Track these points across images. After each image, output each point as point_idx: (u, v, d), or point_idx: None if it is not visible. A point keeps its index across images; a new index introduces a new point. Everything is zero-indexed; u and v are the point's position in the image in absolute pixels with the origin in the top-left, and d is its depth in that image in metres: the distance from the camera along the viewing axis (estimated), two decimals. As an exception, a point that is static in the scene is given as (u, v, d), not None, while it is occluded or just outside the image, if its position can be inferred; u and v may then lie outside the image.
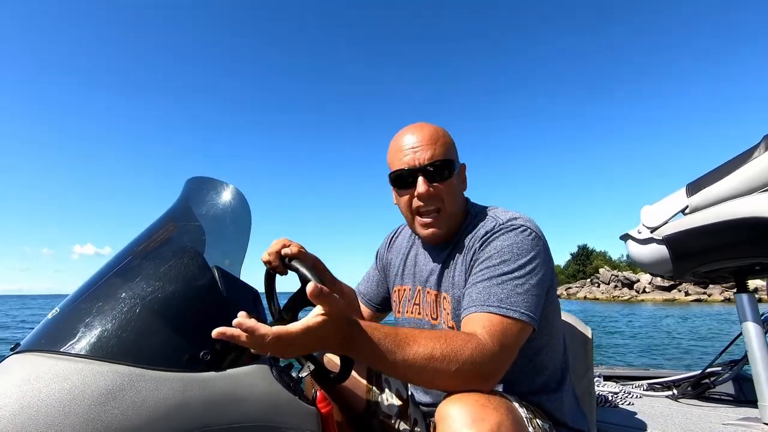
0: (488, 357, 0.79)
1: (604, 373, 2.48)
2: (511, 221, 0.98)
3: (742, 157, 1.50)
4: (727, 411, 1.68)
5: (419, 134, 1.04)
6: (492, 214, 1.04)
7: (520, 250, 0.92)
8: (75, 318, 0.73)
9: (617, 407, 1.82)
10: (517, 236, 0.94)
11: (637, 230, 1.82)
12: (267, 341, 0.69)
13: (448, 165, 1.03)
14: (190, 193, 1.08)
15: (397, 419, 1.21)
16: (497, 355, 0.80)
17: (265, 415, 0.77)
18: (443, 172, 1.02)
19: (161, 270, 0.81)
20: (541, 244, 0.96)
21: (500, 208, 1.08)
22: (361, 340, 0.76)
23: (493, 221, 1.00)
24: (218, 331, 0.69)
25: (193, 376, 0.72)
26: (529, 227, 0.96)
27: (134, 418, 0.64)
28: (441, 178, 1.02)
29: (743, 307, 1.57)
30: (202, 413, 0.70)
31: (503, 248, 0.93)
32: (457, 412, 0.72)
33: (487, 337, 0.81)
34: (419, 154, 1.02)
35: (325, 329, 0.73)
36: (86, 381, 0.64)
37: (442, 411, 0.75)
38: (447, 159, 1.03)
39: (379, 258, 1.37)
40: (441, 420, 0.74)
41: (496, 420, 0.71)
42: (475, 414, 0.71)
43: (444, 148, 1.04)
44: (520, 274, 0.89)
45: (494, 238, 0.95)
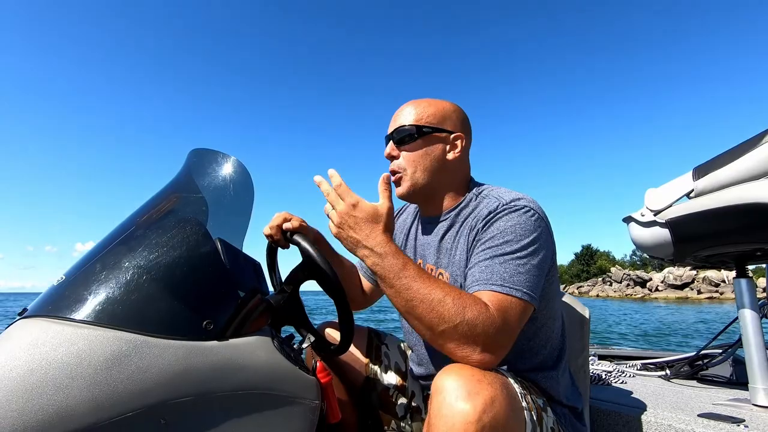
0: (492, 327, 0.79)
1: (599, 353, 2.52)
2: (514, 201, 0.98)
3: (751, 142, 1.48)
4: (719, 392, 1.71)
5: (403, 106, 1.13)
6: (495, 194, 1.04)
7: (523, 231, 0.92)
8: (81, 285, 0.74)
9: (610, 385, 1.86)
10: (520, 217, 0.94)
11: (641, 213, 1.81)
12: (348, 198, 0.89)
13: (411, 131, 1.08)
14: (193, 164, 1.07)
15: (395, 392, 1.24)
16: (501, 330, 0.80)
17: (266, 383, 0.79)
18: (404, 137, 1.08)
19: (164, 240, 0.82)
20: (543, 225, 0.96)
21: (503, 188, 1.07)
22: (397, 251, 0.87)
23: (496, 201, 1.00)
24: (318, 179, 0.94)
25: (197, 345, 0.73)
26: (532, 208, 0.97)
27: (139, 382, 0.66)
28: (402, 142, 1.09)
29: (741, 292, 1.58)
30: (205, 380, 0.72)
31: (506, 228, 0.93)
32: (451, 384, 0.73)
33: (497, 315, 0.81)
34: (392, 123, 1.12)
35: (386, 216, 0.90)
36: (92, 346, 0.66)
37: (437, 383, 0.76)
38: (413, 125, 1.08)
39: None
40: (436, 392, 0.75)
41: (490, 394, 0.72)
42: (470, 387, 0.72)
43: (416, 116, 1.09)
44: (523, 255, 0.90)
45: (497, 218, 0.96)
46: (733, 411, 1.40)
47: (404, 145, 1.09)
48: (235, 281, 0.88)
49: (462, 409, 0.70)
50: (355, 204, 0.89)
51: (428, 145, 1.09)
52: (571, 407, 1.05)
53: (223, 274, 0.85)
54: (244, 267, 0.97)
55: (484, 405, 0.70)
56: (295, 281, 1.03)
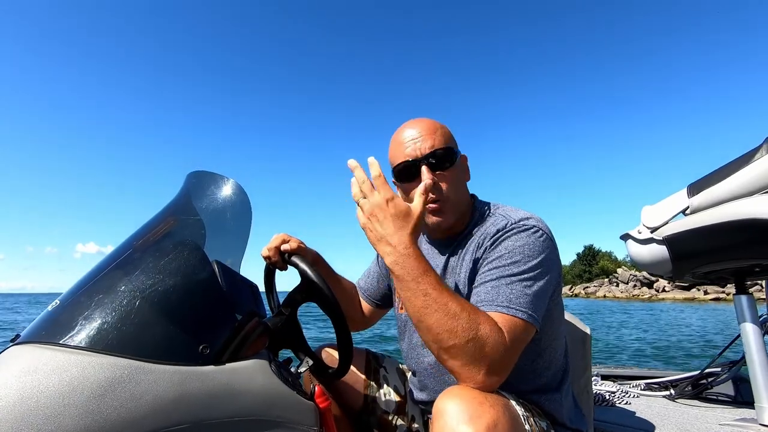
0: (501, 348, 0.78)
1: (602, 373, 2.48)
2: (523, 221, 0.97)
3: (744, 158, 1.50)
4: (724, 412, 1.68)
5: (418, 127, 1.06)
6: (503, 212, 1.03)
7: (531, 252, 0.91)
8: (75, 310, 0.73)
9: (614, 406, 1.82)
10: (528, 237, 0.94)
11: (638, 230, 1.82)
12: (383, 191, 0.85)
13: (449, 153, 1.03)
14: (191, 187, 1.08)
15: (394, 415, 1.21)
16: (507, 352, 0.79)
17: (264, 409, 0.78)
18: (445, 161, 1.03)
19: (161, 263, 0.81)
20: (551, 246, 0.96)
21: (509, 207, 1.07)
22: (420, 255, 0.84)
23: (504, 219, 0.99)
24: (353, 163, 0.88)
25: (192, 370, 0.72)
26: (540, 228, 0.96)
27: (133, 410, 0.64)
28: (443, 166, 1.03)
29: (742, 309, 1.57)
30: (201, 406, 0.70)
31: (515, 249, 0.92)
32: (453, 408, 0.72)
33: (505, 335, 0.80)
34: (420, 144, 1.02)
35: (417, 219, 0.86)
36: (85, 373, 0.64)
37: (438, 406, 0.75)
38: (448, 147, 1.04)
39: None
40: (437, 416, 0.74)
41: (492, 417, 0.71)
42: (472, 411, 0.71)
43: (444, 137, 1.05)
44: (530, 276, 0.89)
45: (506, 238, 0.95)
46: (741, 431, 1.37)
47: (443, 170, 1.03)
48: (232, 304, 0.87)
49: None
50: (390, 199, 0.85)
51: (459, 169, 1.07)
52: (576, 430, 1.03)
53: (220, 297, 0.84)
54: (242, 289, 0.97)
55: (487, 429, 0.69)
56: (294, 303, 1.02)
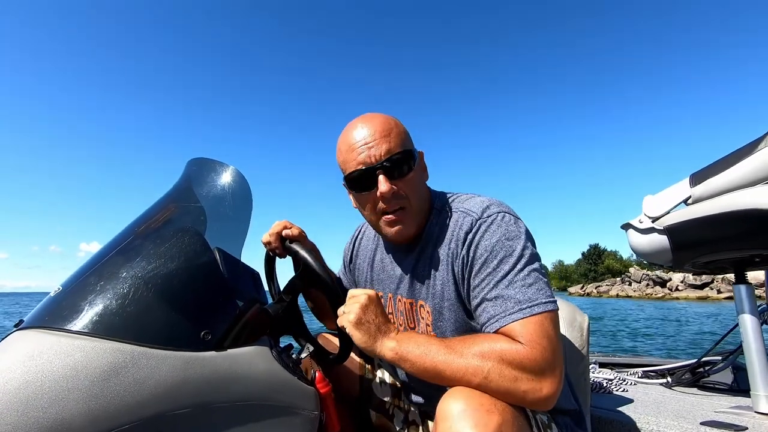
0: (525, 359, 0.76)
1: (599, 360, 2.50)
2: (486, 212, 0.92)
3: (747, 148, 1.49)
4: (721, 399, 1.70)
5: (369, 127, 0.94)
6: (462, 208, 0.97)
7: (510, 242, 0.88)
8: (78, 296, 0.74)
9: (611, 393, 1.84)
10: (499, 227, 0.89)
11: (639, 220, 1.81)
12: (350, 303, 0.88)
13: (407, 157, 0.94)
14: (192, 174, 1.07)
15: (392, 400, 1.23)
16: (541, 355, 0.77)
17: (265, 394, 0.79)
18: (403, 166, 0.94)
19: (162, 250, 0.82)
20: (522, 225, 0.92)
21: (463, 196, 1.01)
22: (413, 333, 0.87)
23: (467, 216, 0.94)
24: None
25: (194, 355, 0.73)
26: (505, 212, 0.92)
27: (136, 394, 0.65)
28: (402, 172, 0.94)
29: (741, 298, 1.57)
30: (203, 391, 0.71)
31: (494, 246, 0.88)
32: (459, 411, 0.71)
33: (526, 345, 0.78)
34: (374, 150, 0.92)
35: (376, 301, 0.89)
36: (88, 358, 0.65)
37: (443, 409, 0.73)
38: (405, 150, 0.94)
39: (345, 261, 1.31)
40: (441, 419, 0.72)
41: (498, 422, 0.70)
42: (478, 416, 0.69)
43: (399, 138, 0.95)
44: (521, 266, 0.85)
45: (480, 239, 0.90)
46: (736, 419, 1.39)
47: (402, 176, 0.94)
48: (234, 291, 0.87)
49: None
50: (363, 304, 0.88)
51: (419, 171, 0.99)
52: (570, 411, 1.04)
53: (221, 283, 0.84)
54: (243, 276, 0.97)
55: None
56: (294, 290, 1.02)
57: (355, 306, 0.87)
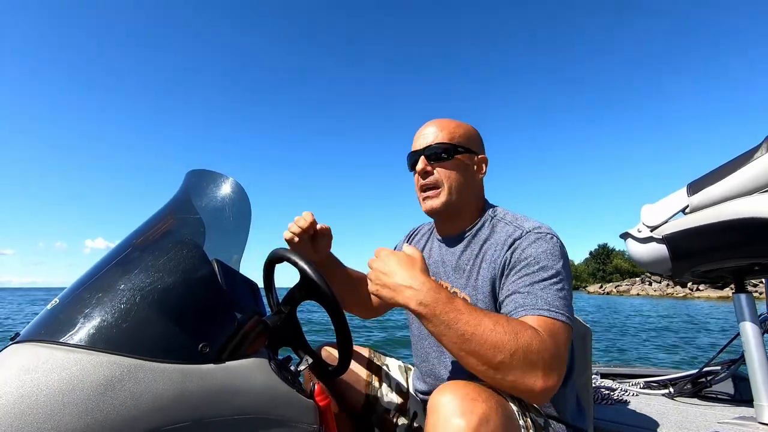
0: (547, 351, 0.80)
1: (601, 371, 2.49)
2: (536, 229, 1.03)
3: (744, 157, 1.50)
4: (723, 410, 1.69)
5: (432, 125, 1.16)
6: (512, 221, 1.09)
7: (553, 257, 0.97)
8: (74, 309, 0.73)
9: (613, 404, 1.83)
10: (547, 243, 0.99)
11: (637, 229, 1.82)
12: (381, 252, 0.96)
13: (447, 148, 1.11)
14: (190, 185, 1.08)
15: (395, 413, 1.22)
16: (554, 354, 0.81)
17: (263, 407, 0.78)
18: (441, 154, 1.12)
19: (161, 262, 0.81)
20: (565, 251, 1.01)
21: (517, 214, 1.12)
22: (439, 287, 0.87)
23: (517, 229, 1.05)
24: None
25: (192, 368, 0.72)
26: (554, 235, 1.03)
27: (133, 408, 0.64)
28: (438, 158, 1.12)
29: (741, 307, 1.57)
30: (201, 405, 0.70)
31: (539, 255, 0.97)
32: (447, 402, 0.74)
33: (549, 339, 0.82)
34: (422, 140, 1.14)
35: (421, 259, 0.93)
36: (85, 371, 0.64)
37: (433, 401, 0.77)
38: (450, 144, 1.12)
39: (401, 243, 1.41)
40: (432, 411, 0.76)
41: (484, 412, 0.73)
42: (464, 406, 0.73)
43: (450, 135, 1.13)
44: (558, 280, 0.93)
45: (527, 245, 1.00)
46: (740, 430, 1.38)
47: (439, 161, 1.12)
48: (232, 303, 0.87)
49: (456, 425, 0.71)
50: (389, 254, 0.95)
51: (462, 164, 1.14)
52: (575, 427, 1.03)
53: (219, 295, 0.84)
54: (241, 288, 0.97)
55: (479, 422, 0.71)
56: (293, 302, 1.02)
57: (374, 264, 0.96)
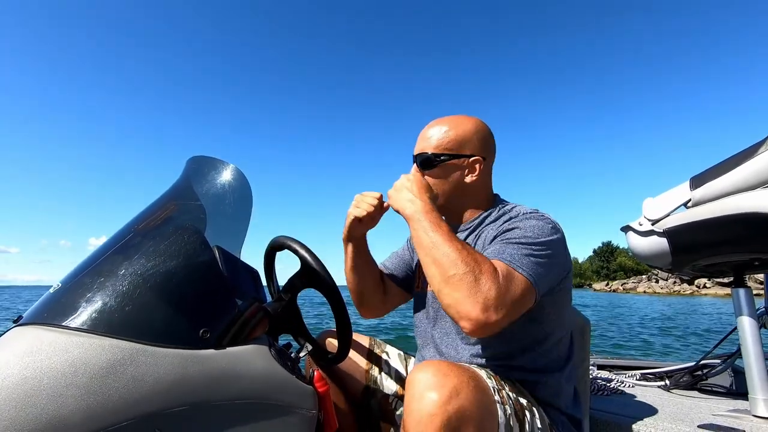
0: (497, 288, 0.83)
1: (598, 362, 2.50)
2: (534, 212, 1.06)
3: (748, 152, 1.49)
4: (719, 402, 1.70)
5: (427, 128, 1.17)
6: (518, 208, 1.13)
7: (540, 232, 0.98)
8: (77, 293, 0.74)
9: (610, 395, 1.84)
10: (538, 221, 1.01)
11: (638, 222, 1.81)
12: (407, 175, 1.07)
13: (430, 158, 1.13)
14: (192, 172, 1.07)
15: (395, 400, 1.23)
16: (504, 294, 0.83)
17: (263, 392, 0.79)
18: (426, 164, 1.14)
19: (162, 248, 0.82)
20: (560, 235, 1.01)
21: (526, 206, 1.15)
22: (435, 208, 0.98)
23: (517, 211, 1.10)
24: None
25: (193, 353, 0.73)
26: (552, 219, 1.04)
27: (134, 391, 0.65)
28: (424, 167, 1.14)
29: (739, 301, 1.57)
30: (201, 389, 0.71)
31: (525, 227, 0.99)
32: (420, 378, 0.78)
33: (505, 280, 0.86)
34: (417, 146, 1.17)
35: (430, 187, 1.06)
36: (87, 354, 0.65)
37: (409, 379, 0.81)
38: (431, 153, 1.13)
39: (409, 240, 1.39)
40: (408, 386, 0.80)
41: (454, 385, 0.77)
42: (436, 380, 0.77)
43: (438, 142, 1.13)
44: (535, 249, 0.94)
45: (519, 221, 1.03)
46: (733, 422, 1.39)
47: (426, 169, 1.15)
48: (233, 289, 0.87)
49: (429, 398, 0.75)
50: (410, 177, 1.06)
51: (446, 171, 1.15)
52: (570, 416, 1.05)
53: (220, 282, 0.84)
54: (242, 275, 0.97)
55: (450, 395, 0.75)
56: (293, 289, 1.03)
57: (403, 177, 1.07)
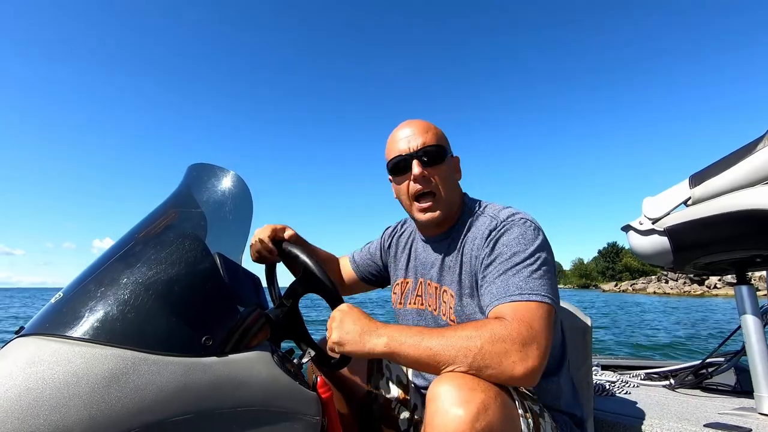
0: (517, 336, 0.80)
1: (602, 363, 2.50)
2: (510, 217, 1.02)
3: (746, 149, 1.49)
4: (724, 401, 1.70)
5: (412, 125, 1.12)
6: (491, 213, 1.08)
7: (526, 241, 0.96)
8: (78, 302, 0.74)
9: (614, 396, 1.84)
10: (520, 228, 0.99)
11: (639, 221, 1.81)
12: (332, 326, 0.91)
13: (440, 150, 1.09)
14: (192, 179, 1.07)
15: (397, 406, 1.22)
16: (527, 337, 0.80)
17: (266, 399, 0.78)
18: (436, 157, 1.08)
19: (163, 256, 0.82)
20: (542, 234, 1.00)
21: (497, 205, 1.12)
22: (398, 327, 0.87)
23: (493, 219, 1.04)
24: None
25: (195, 361, 0.72)
26: (528, 220, 1.02)
27: (137, 401, 0.65)
28: (434, 162, 1.08)
29: (743, 299, 1.57)
30: (204, 397, 0.71)
31: (510, 242, 0.97)
32: (446, 392, 0.74)
33: (513, 321, 0.82)
34: (412, 142, 1.09)
35: (356, 310, 0.92)
36: (89, 364, 0.65)
37: (432, 391, 0.77)
38: (439, 145, 1.09)
39: (385, 238, 1.40)
40: (431, 400, 0.76)
41: (483, 401, 0.73)
42: (463, 395, 0.73)
43: (436, 136, 1.10)
44: (531, 262, 0.93)
45: (500, 236, 0.99)
46: (739, 420, 1.38)
47: (434, 165, 1.08)
48: (234, 296, 0.87)
49: (455, 415, 0.71)
50: (335, 318, 0.93)
51: (451, 166, 1.13)
52: (571, 414, 1.04)
53: (221, 289, 0.84)
54: (244, 281, 0.97)
55: (477, 412, 0.71)
56: (295, 295, 1.03)
57: (332, 326, 0.92)
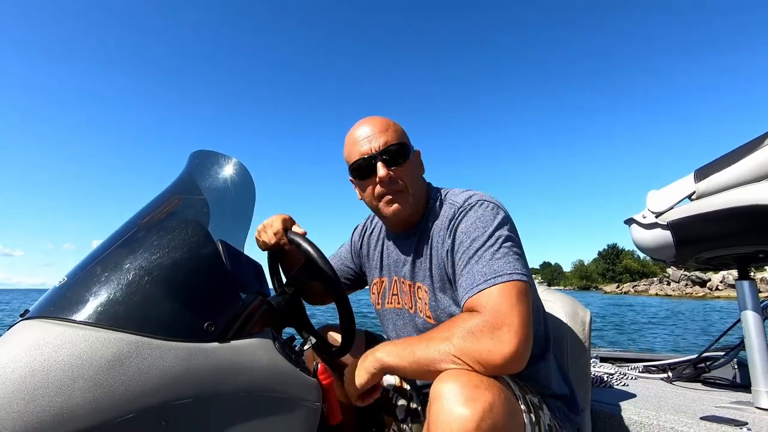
0: (487, 322, 0.81)
1: (600, 355, 2.51)
2: (467, 201, 1.02)
3: (752, 144, 1.48)
4: (722, 395, 1.71)
5: (370, 125, 1.08)
6: (450, 200, 1.07)
7: (483, 224, 0.95)
8: (82, 287, 0.74)
9: (612, 388, 1.85)
10: (476, 212, 0.98)
11: (642, 215, 1.80)
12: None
13: (402, 148, 1.07)
14: (195, 166, 1.07)
15: (394, 394, 1.24)
16: (499, 319, 0.81)
17: (267, 385, 0.79)
18: (399, 156, 1.06)
19: (166, 242, 0.82)
20: (502, 212, 0.99)
21: (456, 190, 1.11)
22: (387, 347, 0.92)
23: (452, 206, 1.04)
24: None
25: (198, 346, 0.73)
26: (485, 200, 1.01)
27: (140, 384, 0.66)
28: (398, 161, 1.06)
29: (744, 294, 1.57)
30: (206, 382, 0.72)
31: (468, 229, 0.96)
32: (450, 390, 0.74)
33: (482, 310, 0.84)
34: (374, 143, 1.05)
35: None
36: (93, 348, 0.65)
37: (435, 389, 0.76)
38: (401, 143, 1.07)
39: (355, 239, 1.38)
40: (434, 398, 0.76)
41: (488, 400, 0.72)
42: (468, 393, 0.72)
43: (396, 134, 1.08)
44: (492, 243, 0.92)
45: (459, 222, 0.99)
46: (736, 414, 1.39)
47: (398, 165, 1.06)
48: (237, 283, 0.88)
49: (460, 414, 0.70)
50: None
51: (414, 162, 1.11)
52: (562, 396, 1.05)
53: (224, 275, 0.85)
54: (246, 269, 0.98)
55: (483, 411, 0.71)
56: (297, 283, 1.03)
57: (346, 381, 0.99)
